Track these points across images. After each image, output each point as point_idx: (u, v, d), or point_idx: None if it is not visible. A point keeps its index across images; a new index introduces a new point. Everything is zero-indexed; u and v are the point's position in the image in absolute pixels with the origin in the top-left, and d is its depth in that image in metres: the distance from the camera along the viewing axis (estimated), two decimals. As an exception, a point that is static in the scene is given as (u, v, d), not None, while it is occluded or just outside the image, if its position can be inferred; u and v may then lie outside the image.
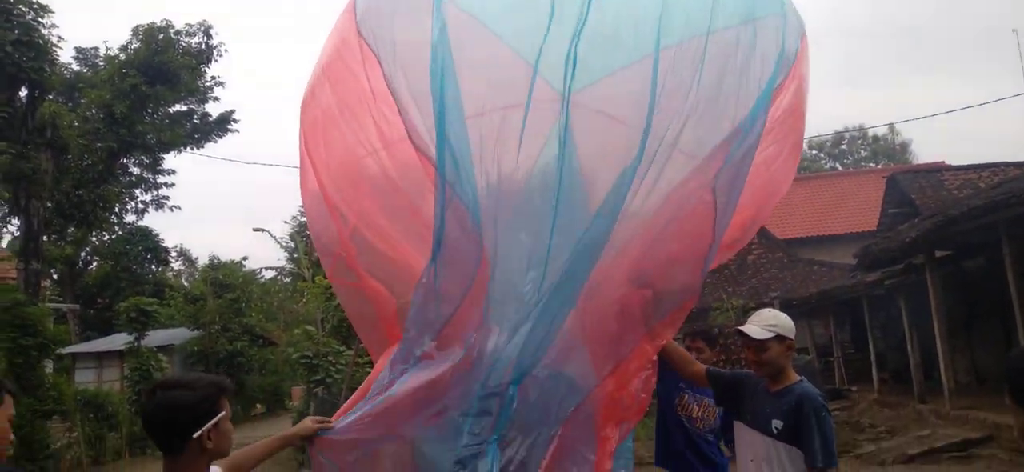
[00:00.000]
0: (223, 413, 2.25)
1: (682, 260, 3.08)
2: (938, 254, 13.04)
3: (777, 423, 3.42)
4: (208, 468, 2.26)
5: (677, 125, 2.95)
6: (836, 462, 3.36)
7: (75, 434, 17.26)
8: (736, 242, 3.61)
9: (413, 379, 2.94)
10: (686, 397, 4.70)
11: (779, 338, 3.45)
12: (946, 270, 13.66)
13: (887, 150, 51.64)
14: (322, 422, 2.92)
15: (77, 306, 29.93)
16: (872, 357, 16.14)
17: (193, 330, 25.39)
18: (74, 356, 26.46)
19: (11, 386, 2.35)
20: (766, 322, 3.48)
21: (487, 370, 2.98)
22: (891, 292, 14.56)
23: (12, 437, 2.33)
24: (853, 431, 12.86)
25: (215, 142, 24.73)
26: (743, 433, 3.64)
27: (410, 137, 2.93)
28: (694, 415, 4.69)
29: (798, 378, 3.53)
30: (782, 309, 3.73)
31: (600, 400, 3.22)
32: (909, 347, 13.56)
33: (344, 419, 2.94)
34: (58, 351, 19.69)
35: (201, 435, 2.16)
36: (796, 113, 3.50)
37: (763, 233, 22.36)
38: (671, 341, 3.60)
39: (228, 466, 2.52)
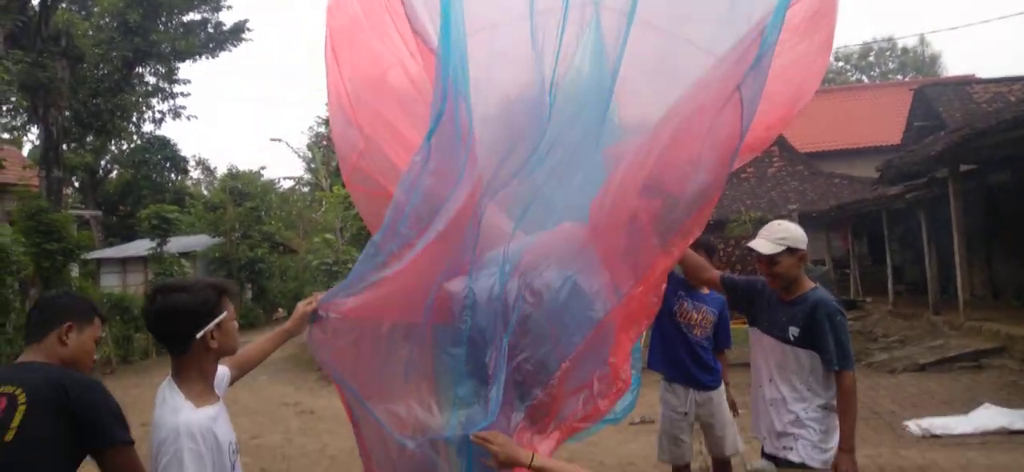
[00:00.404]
0: (225, 314, 2.30)
1: (704, 161, 3.03)
2: (962, 168, 12.83)
3: (794, 330, 3.46)
4: (215, 366, 2.32)
5: (703, 26, 2.91)
6: (852, 364, 3.41)
7: (103, 334, 17.77)
8: (759, 143, 3.53)
9: (410, 263, 3.00)
10: (686, 304, 4.71)
11: (789, 250, 3.45)
12: (970, 184, 13.46)
13: (916, 63, 50.21)
14: (310, 302, 2.91)
15: (99, 213, 30.41)
16: (889, 270, 16.10)
17: (214, 237, 25.75)
18: (99, 262, 27.05)
19: (102, 312, 2.45)
20: (776, 235, 3.48)
21: (490, 269, 3.03)
22: (911, 206, 14.41)
23: (95, 356, 2.52)
24: (866, 340, 12.95)
25: (230, 51, 24.45)
26: (759, 340, 3.68)
27: (412, 26, 2.90)
28: (693, 322, 4.71)
29: (812, 285, 3.54)
30: (800, 222, 3.71)
31: (619, 311, 3.25)
32: (926, 260, 13.50)
33: (332, 297, 2.95)
34: (83, 256, 20.13)
35: (204, 335, 2.22)
36: (824, 12, 3.41)
37: (784, 145, 22.07)
38: (688, 251, 3.61)
39: (235, 363, 2.59)
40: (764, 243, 3.50)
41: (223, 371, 2.55)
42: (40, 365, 2.31)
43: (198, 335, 2.20)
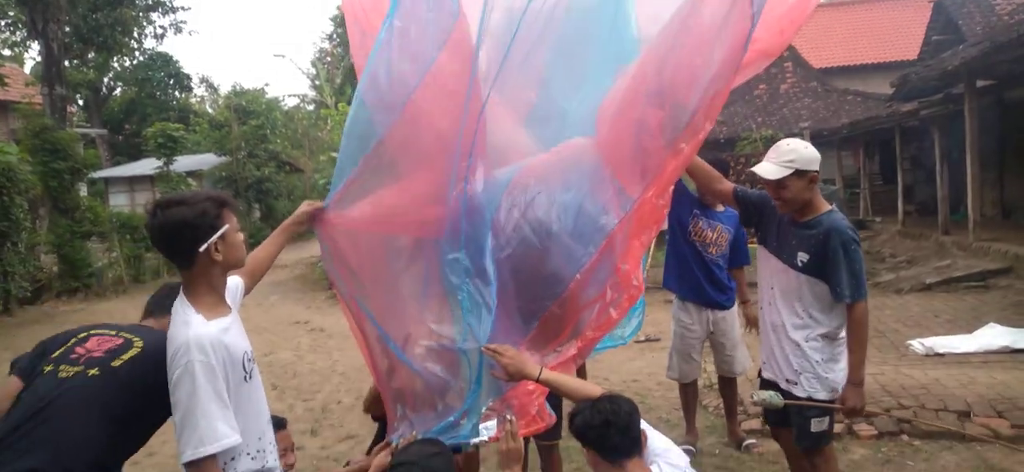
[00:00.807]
0: (227, 226, 2.27)
1: (714, 60, 2.94)
2: (979, 84, 12.54)
3: (803, 256, 3.29)
4: (223, 279, 2.30)
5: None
6: (865, 294, 3.22)
7: (114, 254, 17.94)
8: (773, 48, 3.39)
9: (417, 172, 3.00)
10: (701, 223, 4.67)
11: (798, 173, 3.22)
12: (986, 101, 13.19)
13: (936, -27, 48.56)
14: (315, 204, 2.96)
15: (105, 132, 30.29)
16: (899, 189, 15.96)
17: (220, 156, 25.66)
18: (106, 181, 27.10)
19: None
20: (783, 158, 3.25)
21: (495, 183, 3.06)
22: (925, 123, 14.18)
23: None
24: (873, 261, 12.95)
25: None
26: (767, 261, 3.52)
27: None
28: (708, 241, 4.68)
29: (828, 207, 3.33)
30: (812, 140, 3.55)
31: (629, 217, 3.23)
32: (938, 179, 13.37)
33: (337, 205, 2.99)
34: (90, 175, 20.14)
35: (208, 248, 2.19)
36: None
37: (797, 60, 21.61)
38: (697, 158, 3.49)
39: (247, 272, 2.56)
40: (770, 167, 3.27)
41: (236, 281, 2.54)
42: (160, 331, 2.35)
43: (201, 248, 2.18)
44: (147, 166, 24.58)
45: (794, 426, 3.48)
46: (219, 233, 2.22)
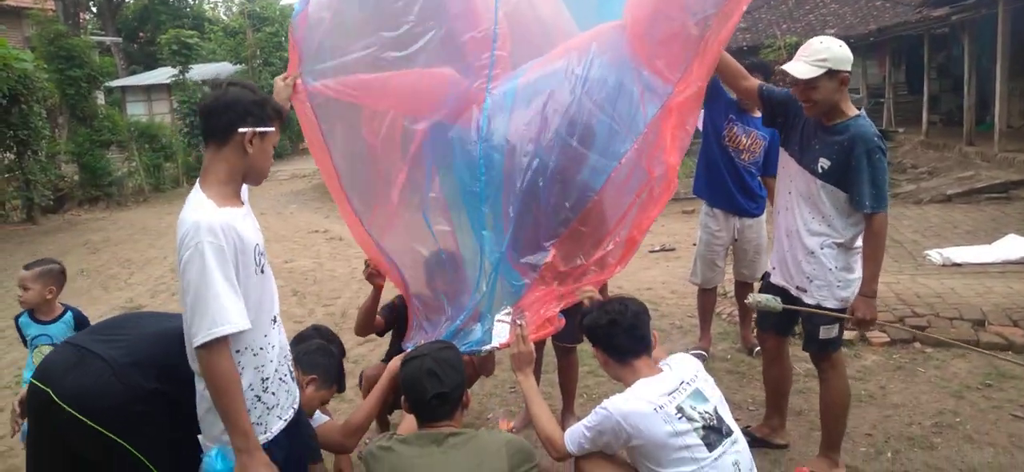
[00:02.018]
0: (272, 129, 2.29)
1: None
2: (1014, -13, 12.08)
3: (824, 163, 3.21)
4: (241, 176, 2.29)
5: None
6: (886, 206, 3.14)
7: (134, 164, 18.07)
8: None
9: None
10: (735, 128, 4.61)
11: (830, 73, 3.11)
12: (1018, 4, 12.71)
13: None
14: (284, 77, 3.04)
15: (119, 40, 30.03)
16: (925, 98, 15.59)
17: (235, 65, 25.45)
18: (123, 90, 27.06)
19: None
20: (815, 56, 3.13)
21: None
22: (955, 29, 13.74)
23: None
24: (894, 172, 12.77)
25: None
26: (787, 163, 3.44)
27: None
28: (741, 146, 4.62)
29: (856, 112, 3.22)
30: None
31: (666, 109, 3.25)
32: (965, 88, 13.02)
33: (318, 76, 3.09)
34: (107, 83, 20.09)
35: (246, 134, 2.20)
36: None
37: (825, -35, 20.81)
38: (725, 53, 3.41)
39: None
40: (801, 66, 3.15)
41: (243, 192, 2.54)
42: None
43: (241, 130, 2.19)
44: (163, 74, 24.45)
45: (803, 331, 3.52)
46: (263, 129, 2.24)
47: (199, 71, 22.62)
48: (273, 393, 2.31)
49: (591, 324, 2.83)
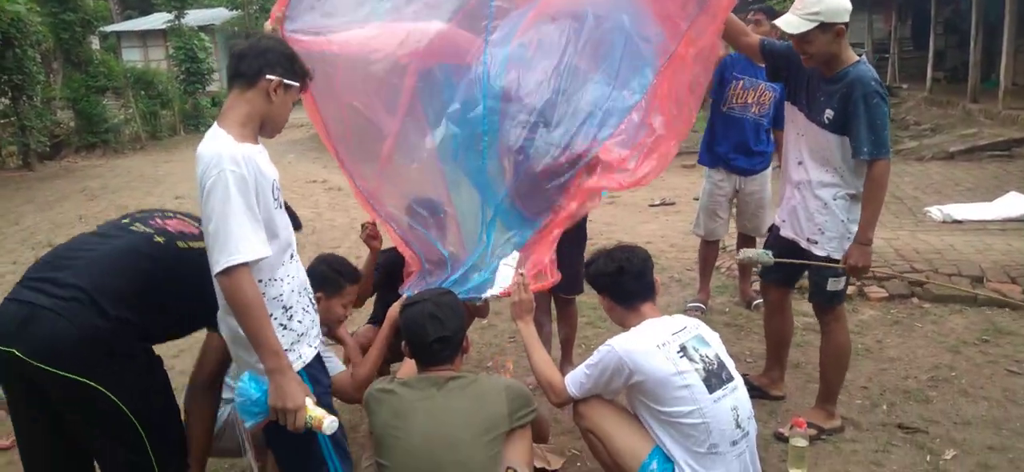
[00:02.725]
0: (296, 87, 2.33)
1: None
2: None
3: (829, 113, 3.17)
4: (259, 125, 2.29)
5: None
6: (887, 151, 3.10)
7: (130, 110, 17.93)
8: None
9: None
10: (741, 85, 4.59)
11: (823, 26, 3.05)
12: (1030, -41, 12.52)
13: None
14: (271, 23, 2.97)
15: (114, -17, 29.54)
16: (930, 54, 15.42)
17: (231, 10, 25.09)
18: (119, 35, 26.71)
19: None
20: (807, 9, 3.06)
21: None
22: (963, -16, 13.52)
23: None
24: (897, 128, 12.69)
25: None
26: (796, 117, 3.40)
27: None
28: (748, 102, 4.62)
29: (855, 58, 3.17)
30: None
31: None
32: (972, 44, 12.87)
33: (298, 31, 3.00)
34: (101, 28, 19.80)
35: (272, 82, 2.22)
36: None
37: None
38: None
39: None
40: (793, 19, 3.10)
41: None
42: None
43: (268, 75, 2.22)
44: (158, 20, 24.16)
45: (809, 284, 3.51)
46: (289, 81, 2.28)
47: (195, 17, 22.36)
48: (299, 321, 2.34)
49: (598, 272, 2.84)
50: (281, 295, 2.28)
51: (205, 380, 2.81)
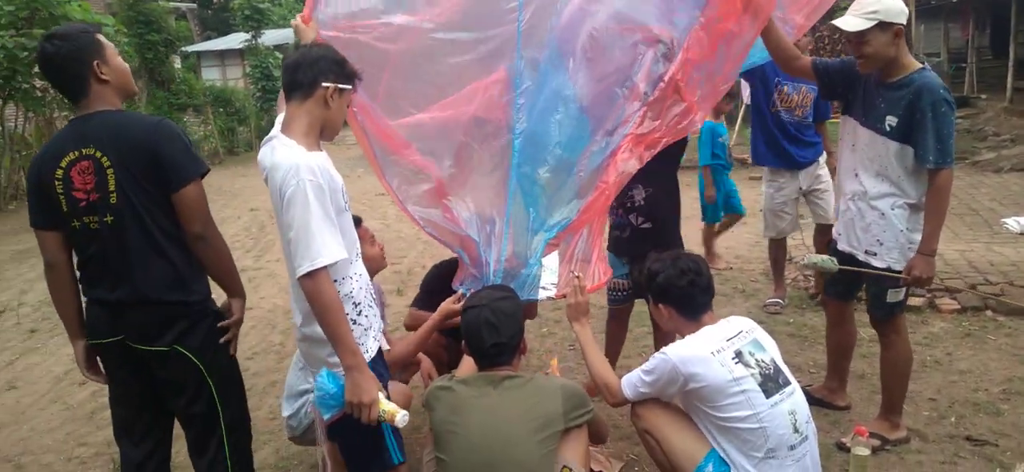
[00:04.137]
0: (349, 87, 2.44)
1: None
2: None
3: (891, 120, 3.13)
4: (319, 135, 2.41)
5: None
6: (951, 160, 3.07)
7: (209, 127, 18.71)
8: None
9: None
10: (785, 88, 4.85)
11: (882, 26, 3.03)
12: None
13: None
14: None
15: (194, 5, 30.89)
16: (1010, 63, 14.81)
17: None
18: (198, 55, 27.90)
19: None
20: (865, 8, 3.06)
21: None
22: (1047, -11, 12.97)
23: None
24: (974, 139, 12.23)
25: None
26: (853, 130, 3.35)
27: None
28: (793, 104, 4.88)
29: (919, 65, 3.14)
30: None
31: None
32: (1056, 52, 12.34)
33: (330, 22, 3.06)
34: (183, 48, 20.74)
35: (328, 89, 2.35)
36: None
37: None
38: (777, 30, 3.36)
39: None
40: (850, 19, 3.09)
41: None
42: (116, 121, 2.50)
43: (324, 83, 2.34)
44: (236, 40, 25.08)
45: (868, 296, 3.47)
46: (343, 86, 2.40)
47: (271, 36, 23.15)
48: (366, 316, 2.48)
49: (668, 283, 2.80)
50: (352, 292, 2.42)
51: None
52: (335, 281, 2.31)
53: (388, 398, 2.37)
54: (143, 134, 2.42)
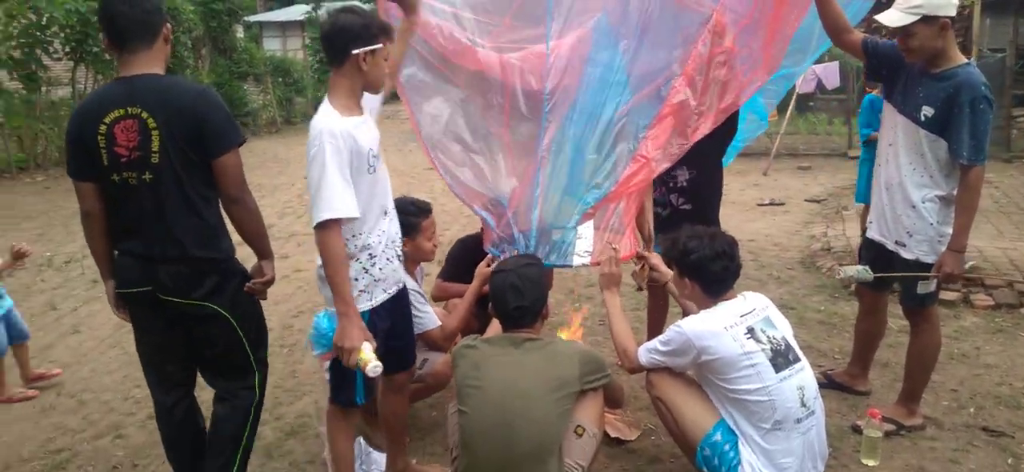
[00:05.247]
0: (380, 46, 2.57)
1: None
2: None
3: (928, 110, 3.15)
4: (361, 90, 2.62)
5: None
6: (984, 158, 3.09)
7: (268, 96, 19.25)
8: None
9: None
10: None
11: (925, 19, 3.04)
12: None
13: None
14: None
15: (259, -23, 31.58)
16: (1083, 60, 14.20)
17: (366, 2, 26.24)
18: (261, 25, 28.56)
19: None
20: (909, 3, 3.07)
21: None
22: None
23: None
24: (1038, 139, 11.87)
25: None
26: (891, 115, 3.37)
27: None
28: None
29: (964, 60, 3.15)
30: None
31: None
32: None
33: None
34: (246, 18, 21.27)
35: (359, 54, 2.52)
36: None
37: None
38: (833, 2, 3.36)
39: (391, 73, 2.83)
40: (894, 14, 3.11)
41: (375, 100, 2.86)
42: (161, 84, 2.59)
43: (354, 51, 2.51)
44: (297, 12, 25.64)
45: (900, 287, 3.52)
46: (371, 47, 2.55)
47: (331, 9, 23.63)
48: (380, 268, 2.69)
49: (700, 262, 2.83)
50: (370, 244, 2.64)
51: None
52: (353, 235, 2.56)
53: (374, 350, 2.54)
54: (190, 100, 2.51)
